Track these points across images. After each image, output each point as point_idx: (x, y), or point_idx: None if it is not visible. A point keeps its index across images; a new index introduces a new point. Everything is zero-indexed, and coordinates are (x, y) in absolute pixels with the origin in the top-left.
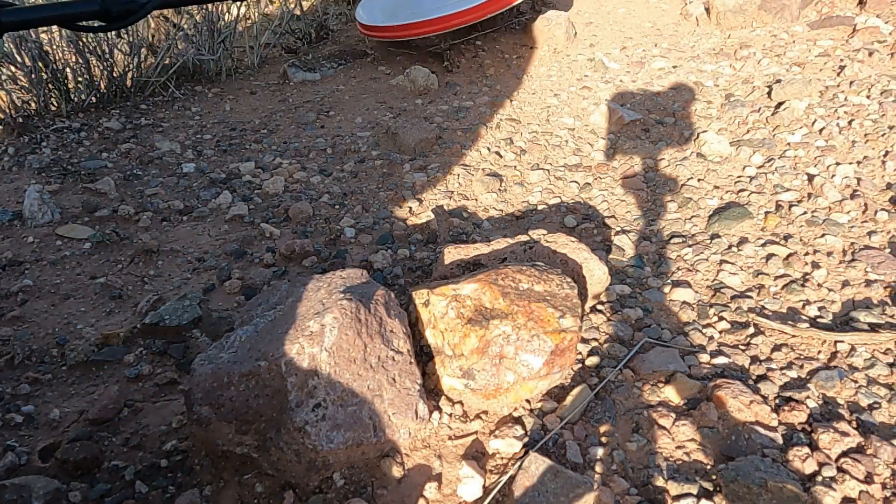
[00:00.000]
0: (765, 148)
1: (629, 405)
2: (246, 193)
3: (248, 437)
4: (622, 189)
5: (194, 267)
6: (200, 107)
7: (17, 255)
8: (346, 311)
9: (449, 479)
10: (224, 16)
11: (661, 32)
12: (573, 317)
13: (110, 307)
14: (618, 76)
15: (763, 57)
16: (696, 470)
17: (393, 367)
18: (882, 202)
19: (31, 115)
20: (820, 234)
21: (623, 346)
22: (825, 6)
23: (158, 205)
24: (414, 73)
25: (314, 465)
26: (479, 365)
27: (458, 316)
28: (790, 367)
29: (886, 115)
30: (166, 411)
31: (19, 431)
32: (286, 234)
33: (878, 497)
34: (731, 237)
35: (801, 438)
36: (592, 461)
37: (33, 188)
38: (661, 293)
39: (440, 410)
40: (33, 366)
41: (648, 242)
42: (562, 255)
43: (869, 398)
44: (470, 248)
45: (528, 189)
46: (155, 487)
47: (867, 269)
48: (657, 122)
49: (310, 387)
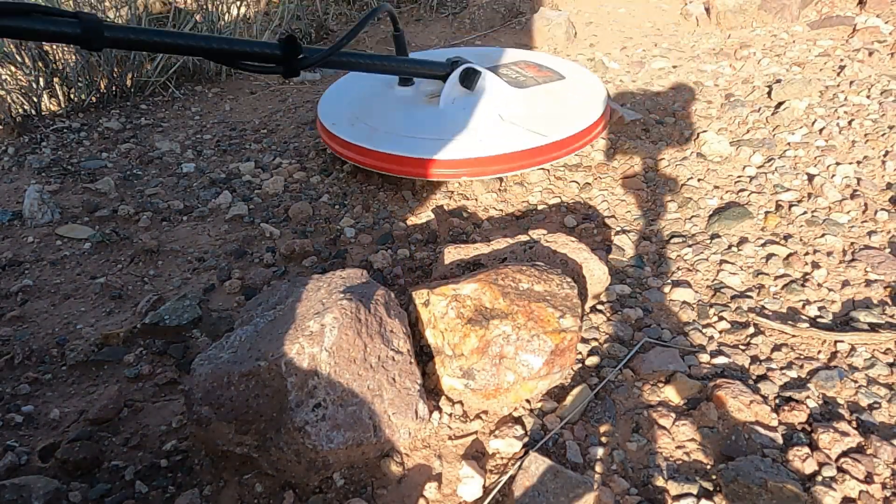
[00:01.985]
0: (765, 148)
1: (629, 405)
2: (246, 193)
3: (248, 437)
4: (622, 189)
5: (194, 267)
6: (200, 107)
7: (17, 255)
8: (346, 311)
9: (449, 479)
10: (224, 16)
11: (661, 32)
12: (573, 317)
13: (110, 307)
14: (618, 76)
15: (763, 57)
16: (696, 470)
17: (393, 367)
18: (882, 202)
19: (31, 115)
20: (820, 233)
21: (623, 346)
22: (825, 6)
23: (158, 205)
24: None
25: (314, 465)
26: (479, 365)
27: (458, 316)
28: (790, 367)
29: (886, 115)
30: (166, 411)
31: (19, 431)
32: (286, 234)
33: (878, 497)
34: (731, 237)
35: (801, 438)
36: (592, 461)
37: (33, 188)
38: (661, 293)
39: (440, 410)
40: (33, 366)
41: (648, 242)
42: (562, 255)
43: (869, 398)
44: (470, 248)
45: (528, 189)
46: (155, 487)
47: (867, 269)
48: (657, 122)
49: (310, 387)
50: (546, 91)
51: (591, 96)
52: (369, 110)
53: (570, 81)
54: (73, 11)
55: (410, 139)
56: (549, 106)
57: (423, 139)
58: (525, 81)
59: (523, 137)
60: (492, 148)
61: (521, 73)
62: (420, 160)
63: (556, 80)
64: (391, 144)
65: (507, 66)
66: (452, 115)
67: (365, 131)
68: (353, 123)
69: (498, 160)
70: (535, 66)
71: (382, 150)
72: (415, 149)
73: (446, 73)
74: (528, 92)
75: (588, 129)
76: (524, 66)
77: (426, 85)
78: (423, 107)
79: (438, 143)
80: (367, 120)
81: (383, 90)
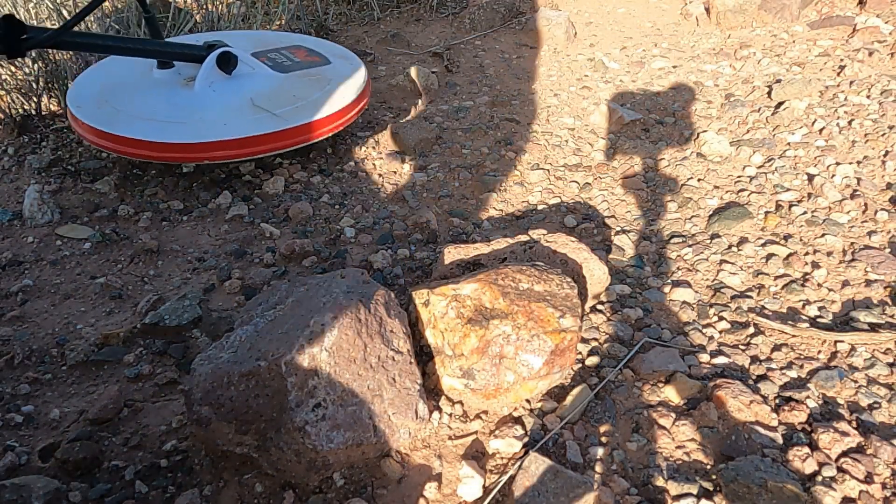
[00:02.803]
0: (765, 148)
1: (629, 405)
2: (246, 193)
3: (248, 437)
4: (622, 189)
5: (194, 267)
6: None
7: (17, 255)
8: (346, 310)
9: (449, 479)
10: (224, 16)
11: (661, 32)
12: (573, 317)
13: (110, 307)
14: (618, 76)
15: (763, 57)
16: (696, 470)
17: (393, 367)
18: (882, 202)
19: (31, 115)
20: (820, 233)
21: (623, 345)
22: (825, 6)
23: (158, 205)
24: (414, 72)
25: (314, 464)
26: (479, 365)
27: (458, 316)
28: (790, 366)
29: (886, 115)
30: (166, 411)
31: (19, 431)
32: (286, 234)
33: (878, 497)
34: (731, 237)
35: (801, 438)
36: (592, 461)
37: (33, 188)
38: (661, 293)
39: (440, 410)
40: (33, 366)
41: (648, 242)
42: (562, 254)
43: (869, 398)
44: (470, 248)
45: (528, 189)
46: (155, 487)
47: (867, 269)
48: (657, 122)
49: (310, 387)
50: (305, 76)
51: (348, 84)
52: (120, 94)
53: (334, 67)
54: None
55: (157, 123)
56: (303, 90)
57: (171, 123)
58: (289, 66)
59: (266, 122)
60: (234, 131)
61: (288, 57)
62: (161, 144)
63: (320, 65)
64: (132, 128)
65: (276, 50)
66: (205, 98)
67: (110, 114)
68: (100, 106)
69: (238, 144)
70: (305, 51)
71: (121, 134)
72: (159, 133)
73: (202, 56)
74: (287, 77)
75: (335, 115)
76: (294, 51)
77: (188, 70)
78: (179, 90)
79: (183, 127)
80: (116, 103)
81: (141, 73)
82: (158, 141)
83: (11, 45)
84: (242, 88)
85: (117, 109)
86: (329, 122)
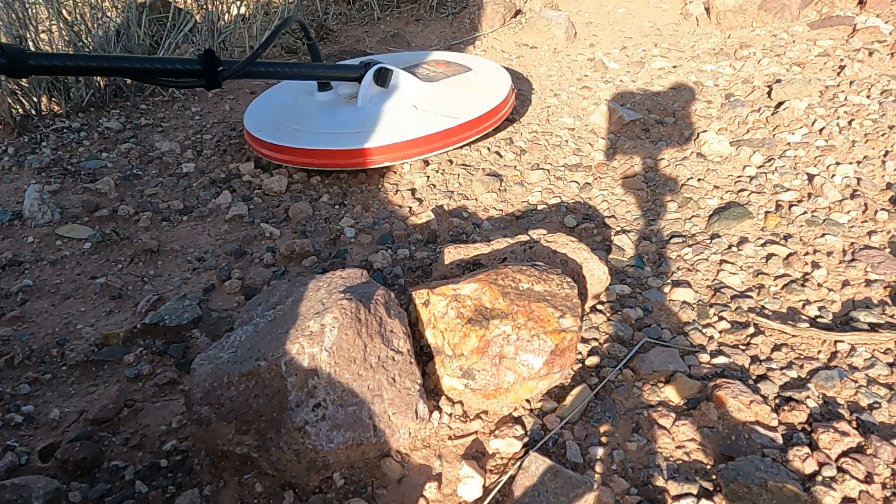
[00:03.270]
0: (765, 148)
1: (629, 405)
2: (246, 193)
3: (248, 437)
4: (622, 189)
5: (194, 267)
6: (200, 107)
7: (17, 255)
8: (346, 311)
9: (449, 479)
10: (224, 16)
11: (661, 32)
12: (573, 317)
13: (110, 307)
14: (618, 76)
15: (763, 57)
16: (696, 470)
17: (393, 367)
18: (882, 202)
19: (31, 115)
20: (820, 233)
21: (623, 345)
22: (825, 6)
23: (158, 205)
24: None
25: (314, 464)
26: (479, 365)
27: (458, 316)
28: (790, 366)
29: (886, 115)
30: (166, 411)
31: (19, 431)
32: (286, 234)
33: (878, 497)
34: (731, 237)
35: (801, 438)
36: (592, 461)
37: (33, 188)
38: (661, 293)
39: (440, 410)
40: (33, 366)
41: (648, 242)
42: (562, 254)
43: (869, 398)
44: (470, 248)
45: (528, 189)
46: (155, 487)
47: (867, 269)
48: (657, 122)
49: (310, 387)
50: (454, 82)
51: (495, 83)
52: (293, 115)
53: (476, 72)
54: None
55: (334, 135)
56: (458, 94)
57: (346, 134)
58: (436, 76)
59: (437, 121)
60: (409, 133)
61: (433, 69)
62: (344, 151)
63: (464, 73)
64: (316, 141)
65: (418, 65)
66: (370, 110)
67: (290, 133)
68: (277, 129)
69: (416, 143)
70: (445, 63)
71: (308, 147)
72: (338, 142)
73: (361, 75)
74: (440, 84)
75: (495, 109)
76: (435, 64)
77: (344, 88)
78: (343, 107)
79: (360, 136)
80: (292, 124)
81: (304, 97)
82: (345, 149)
83: (212, 77)
84: (402, 97)
85: (296, 129)
86: (491, 116)
